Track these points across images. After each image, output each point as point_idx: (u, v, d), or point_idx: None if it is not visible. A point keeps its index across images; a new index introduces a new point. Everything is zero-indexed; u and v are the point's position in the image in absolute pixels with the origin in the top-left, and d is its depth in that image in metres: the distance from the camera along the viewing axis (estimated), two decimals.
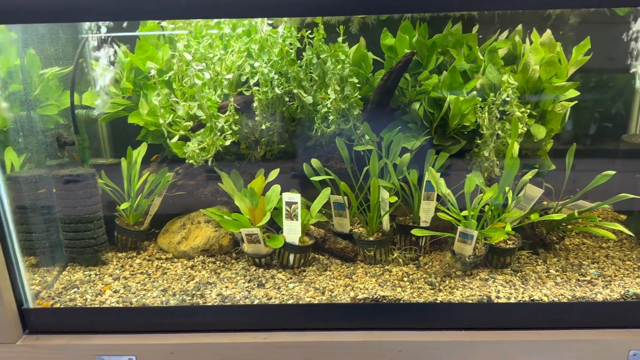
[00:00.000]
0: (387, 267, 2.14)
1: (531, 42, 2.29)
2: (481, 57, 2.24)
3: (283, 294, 1.96)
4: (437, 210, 2.12)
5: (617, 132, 2.50)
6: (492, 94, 2.13)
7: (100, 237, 2.17)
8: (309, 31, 2.16)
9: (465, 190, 1.96)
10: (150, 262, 2.23)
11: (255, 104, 2.17)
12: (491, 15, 2.38)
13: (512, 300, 1.89)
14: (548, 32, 2.24)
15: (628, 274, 2.04)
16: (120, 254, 2.29)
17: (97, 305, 1.95)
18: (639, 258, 2.15)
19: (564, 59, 2.26)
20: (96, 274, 2.13)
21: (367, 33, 2.39)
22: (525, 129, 2.14)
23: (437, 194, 2.11)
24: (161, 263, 2.21)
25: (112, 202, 2.28)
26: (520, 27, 2.30)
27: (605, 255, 2.18)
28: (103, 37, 2.22)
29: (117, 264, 2.21)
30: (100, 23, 2.24)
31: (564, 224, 2.22)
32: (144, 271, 2.15)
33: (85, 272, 2.14)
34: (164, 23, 2.24)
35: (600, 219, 2.51)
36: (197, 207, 2.31)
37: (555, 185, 2.23)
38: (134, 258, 2.26)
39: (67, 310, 1.94)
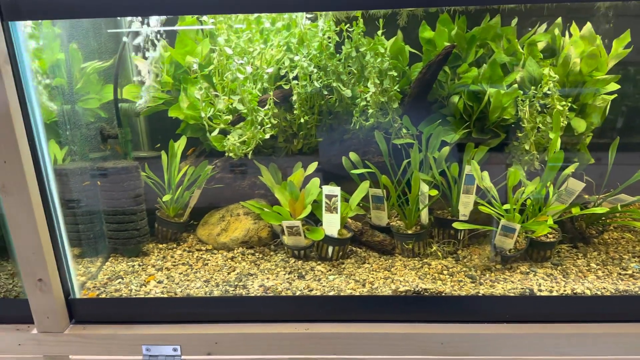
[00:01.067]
0: (425, 260, 2.15)
1: (570, 35, 2.27)
2: (521, 50, 2.23)
3: (324, 286, 1.98)
4: (476, 203, 2.12)
5: None
6: (532, 87, 2.12)
7: (143, 229, 2.21)
8: (348, 25, 2.17)
9: (508, 184, 1.96)
10: (190, 253, 2.26)
11: (294, 98, 2.18)
12: (530, 7, 2.36)
13: (555, 294, 1.88)
14: (588, 25, 2.22)
15: None
16: (160, 245, 2.33)
17: (142, 296, 1.99)
18: None
19: (603, 52, 2.24)
20: (139, 265, 2.17)
21: (402, 27, 2.39)
22: (566, 122, 2.13)
23: (476, 188, 2.11)
24: (201, 254, 2.25)
25: (153, 194, 2.32)
26: (559, 19, 2.28)
27: None
28: (145, 33, 2.23)
29: (158, 255, 2.25)
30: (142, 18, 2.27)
31: (603, 218, 2.20)
32: (186, 262, 2.19)
33: (129, 263, 2.18)
34: (203, 17, 2.26)
35: None
36: (236, 200, 2.34)
37: (594, 179, 2.22)
38: (175, 249, 2.30)
39: (113, 301, 1.98)
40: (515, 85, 2.10)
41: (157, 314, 1.97)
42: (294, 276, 2.05)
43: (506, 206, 2.01)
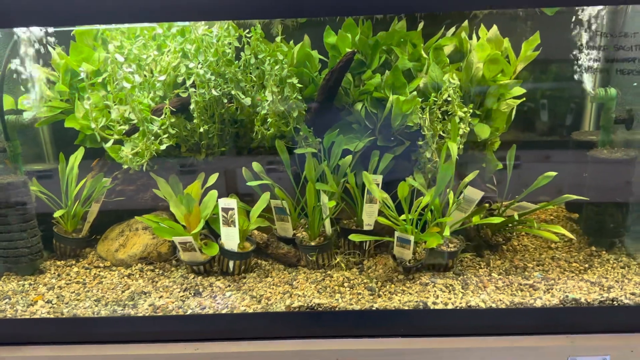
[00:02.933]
0: (329, 272, 2.09)
1: (478, 38, 2.23)
2: (425, 55, 2.18)
3: (218, 303, 1.91)
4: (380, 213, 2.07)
5: (570, 129, 2.45)
6: (433, 94, 2.07)
7: (35, 246, 2.11)
8: (247, 30, 2.10)
9: (399, 196, 1.91)
10: (88, 270, 2.18)
11: (192, 106, 2.10)
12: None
13: (450, 306, 1.84)
14: (494, 28, 2.18)
15: (572, 276, 1.99)
16: (59, 262, 2.23)
17: (27, 317, 1.90)
18: (585, 259, 2.11)
19: (512, 55, 2.21)
20: (30, 284, 2.08)
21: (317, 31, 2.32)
22: (469, 129, 2.08)
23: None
24: (99, 271, 2.16)
25: (51, 210, 2.23)
26: (466, 23, 2.23)
27: (551, 257, 2.13)
28: (36, 39, 2.14)
29: (54, 273, 2.16)
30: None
31: (510, 225, 2.17)
32: (80, 280, 2.10)
33: (20, 282, 2.09)
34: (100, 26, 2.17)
35: (552, 218, 2.46)
36: (138, 214, 2.25)
37: (513, 185, 2.19)
38: (73, 266, 2.21)
39: None
40: (415, 93, 2.05)
41: (41, 335, 1.89)
42: (190, 293, 1.97)
43: (403, 216, 1.96)
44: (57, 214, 2.14)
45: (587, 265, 2.06)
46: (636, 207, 2.10)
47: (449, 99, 2.05)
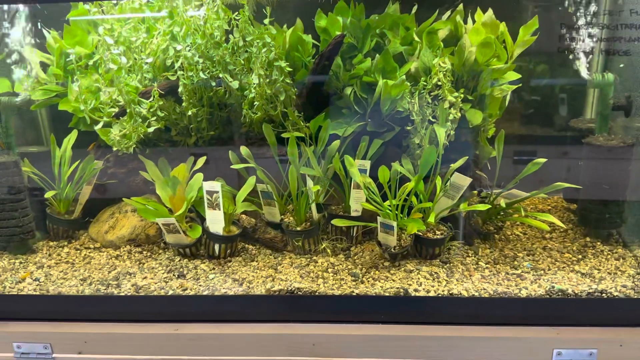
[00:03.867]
0: (315, 257, 2.07)
1: (474, 22, 2.17)
2: (417, 39, 2.13)
3: (200, 285, 1.91)
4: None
5: (569, 117, 2.37)
6: (422, 78, 2.03)
7: (27, 226, 2.15)
8: (236, 13, 2.09)
9: (380, 180, 1.87)
10: (78, 251, 2.20)
11: (180, 89, 2.10)
12: None
13: (432, 294, 1.80)
14: (490, 11, 2.11)
15: (563, 267, 1.93)
16: (51, 243, 2.27)
17: (15, 293, 1.94)
18: (579, 250, 2.04)
19: (509, 39, 2.14)
20: (21, 262, 2.12)
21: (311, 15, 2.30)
22: (460, 114, 2.03)
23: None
24: (89, 252, 2.19)
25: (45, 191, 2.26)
26: (461, 6, 2.17)
27: (543, 247, 2.07)
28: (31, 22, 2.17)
29: (45, 253, 2.19)
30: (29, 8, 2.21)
31: (501, 214, 2.11)
32: (70, 260, 2.13)
33: (11, 261, 2.13)
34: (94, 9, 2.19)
35: (549, 208, 2.39)
36: (129, 196, 2.27)
37: (505, 172, 2.13)
38: (64, 247, 2.24)
39: None
40: (404, 77, 2.01)
41: (27, 311, 1.93)
42: (173, 275, 1.98)
43: (387, 202, 1.93)
44: (48, 195, 2.17)
45: (580, 256, 1.99)
46: (633, 196, 2.01)
47: (439, 83, 2.00)
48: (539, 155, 2.06)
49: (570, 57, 2.15)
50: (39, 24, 2.24)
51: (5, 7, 2.14)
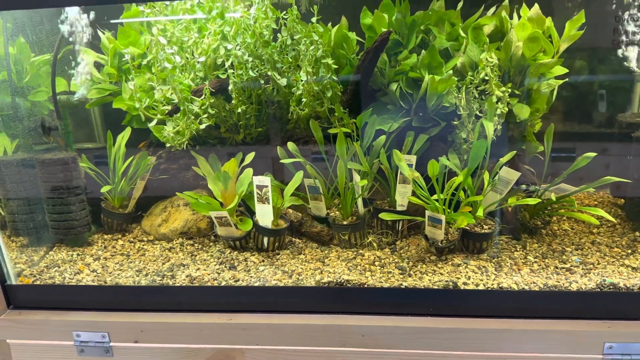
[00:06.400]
0: (361, 251, 2.11)
1: (519, 18, 2.17)
2: (464, 34, 2.15)
3: (252, 277, 1.97)
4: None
5: (618, 111, 2.34)
6: (469, 73, 2.04)
7: (83, 219, 2.24)
8: (284, 12, 2.14)
9: (429, 174, 1.89)
10: (132, 243, 2.29)
11: (230, 87, 2.16)
12: None
13: (481, 287, 1.82)
14: (536, 6, 2.11)
15: (613, 261, 1.92)
16: (106, 236, 2.36)
17: (74, 283, 2.03)
18: (628, 245, 2.02)
19: (555, 34, 2.14)
20: (78, 254, 2.21)
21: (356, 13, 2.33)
22: (507, 109, 2.04)
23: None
24: (142, 245, 2.27)
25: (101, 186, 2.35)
26: (506, 2, 2.18)
27: (591, 241, 2.06)
28: (86, 23, 2.26)
29: (101, 245, 2.28)
30: (84, 10, 2.29)
31: (549, 208, 2.11)
32: (125, 252, 2.21)
33: (69, 253, 2.22)
34: (147, 10, 2.27)
35: (596, 204, 2.37)
36: (180, 191, 2.34)
37: (555, 168, 2.12)
38: (118, 240, 2.32)
39: (45, 287, 2.03)
40: (450, 72, 2.02)
41: (86, 301, 2.01)
42: (225, 267, 2.04)
43: (435, 196, 1.95)
44: (104, 189, 2.26)
45: (629, 251, 1.98)
46: None
47: (487, 78, 2.02)
48: (585, 150, 2.05)
49: (617, 51, 2.13)
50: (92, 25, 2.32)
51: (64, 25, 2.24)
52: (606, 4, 2.17)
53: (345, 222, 2.13)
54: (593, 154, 1.94)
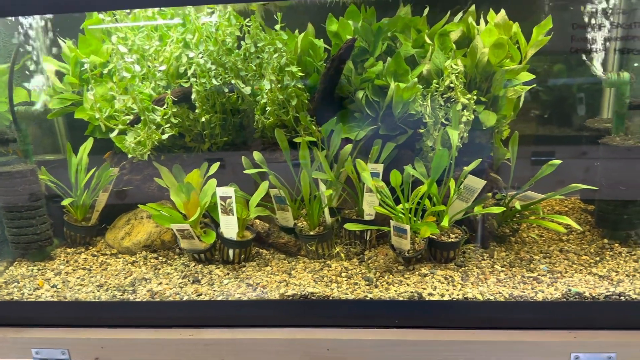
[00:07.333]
0: (328, 262, 2.07)
1: (486, 23, 2.15)
2: (429, 41, 2.12)
3: (215, 291, 1.92)
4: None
5: (585, 117, 2.34)
6: (435, 80, 2.01)
7: (44, 233, 2.18)
8: (248, 19, 2.10)
9: (392, 184, 1.86)
10: (95, 257, 2.23)
11: (193, 96, 2.12)
12: None
13: (446, 298, 1.79)
14: (502, 12, 2.09)
15: (580, 269, 1.90)
16: (69, 250, 2.30)
17: (33, 299, 1.97)
18: (596, 252, 2.01)
19: (522, 40, 2.12)
20: (39, 269, 2.15)
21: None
22: (473, 116, 2.02)
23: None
24: (106, 259, 2.21)
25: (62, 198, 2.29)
26: (473, 7, 2.16)
27: (560, 249, 2.04)
28: (47, 32, 2.21)
29: (63, 260, 2.22)
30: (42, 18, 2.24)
31: (517, 216, 2.09)
32: (87, 266, 2.16)
33: (30, 267, 2.16)
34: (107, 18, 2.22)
35: (567, 210, 2.36)
36: (145, 202, 2.29)
37: (522, 174, 2.11)
38: (81, 254, 2.26)
39: (2, 304, 1.97)
40: (415, 80, 2.00)
41: (46, 317, 1.95)
42: (189, 280, 1.99)
43: (400, 206, 1.92)
44: (65, 202, 2.20)
45: (597, 258, 1.96)
46: None
47: (452, 85, 1.99)
48: (556, 156, 2.04)
49: (585, 56, 2.12)
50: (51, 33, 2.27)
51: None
52: (573, 10, 2.17)
53: (312, 233, 2.09)
54: (558, 162, 1.93)
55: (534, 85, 2.12)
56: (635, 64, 2.01)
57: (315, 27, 2.26)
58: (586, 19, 2.06)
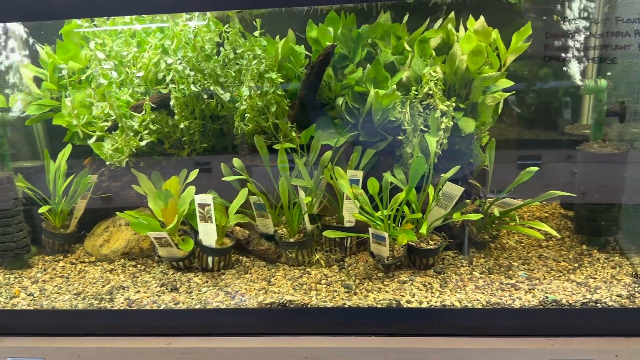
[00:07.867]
0: (308, 269, 2.06)
1: (466, 30, 2.16)
2: (409, 48, 2.12)
3: (193, 299, 1.91)
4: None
5: (566, 123, 2.35)
6: (414, 87, 2.02)
7: (21, 241, 2.16)
8: (227, 25, 2.10)
9: (370, 191, 1.86)
10: (74, 265, 2.21)
11: (172, 102, 2.11)
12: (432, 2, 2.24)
13: (424, 305, 1.79)
14: (481, 18, 2.10)
15: (559, 276, 1.91)
16: (47, 258, 2.27)
17: (9, 308, 1.94)
18: (575, 258, 2.01)
19: (502, 47, 2.12)
20: (16, 277, 2.12)
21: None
22: (452, 123, 2.02)
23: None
24: (84, 266, 2.19)
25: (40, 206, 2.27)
26: (452, 14, 2.16)
27: (539, 255, 2.05)
28: (25, 38, 2.19)
29: (41, 267, 2.20)
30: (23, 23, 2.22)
31: (496, 222, 2.09)
32: (65, 274, 2.13)
33: (6, 276, 2.14)
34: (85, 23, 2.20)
35: (547, 216, 2.37)
36: (124, 209, 2.27)
37: (503, 180, 2.11)
38: (60, 261, 2.24)
39: None
40: (394, 87, 2.00)
41: (22, 326, 1.93)
42: (167, 289, 1.98)
43: (379, 213, 1.92)
44: (42, 209, 2.18)
45: (576, 265, 1.97)
46: (629, 203, 1.99)
47: (431, 92, 1.99)
48: (535, 162, 2.04)
49: (565, 64, 2.13)
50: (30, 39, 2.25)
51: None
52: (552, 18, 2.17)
53: (292, 240, 2.08)
54: (535, 169, 1.94)
55: (513, 93, 2.12)
56: (608, 73, 2.02)
57: (297, 33, 2.26)
58: (565, 28, 2.07)
